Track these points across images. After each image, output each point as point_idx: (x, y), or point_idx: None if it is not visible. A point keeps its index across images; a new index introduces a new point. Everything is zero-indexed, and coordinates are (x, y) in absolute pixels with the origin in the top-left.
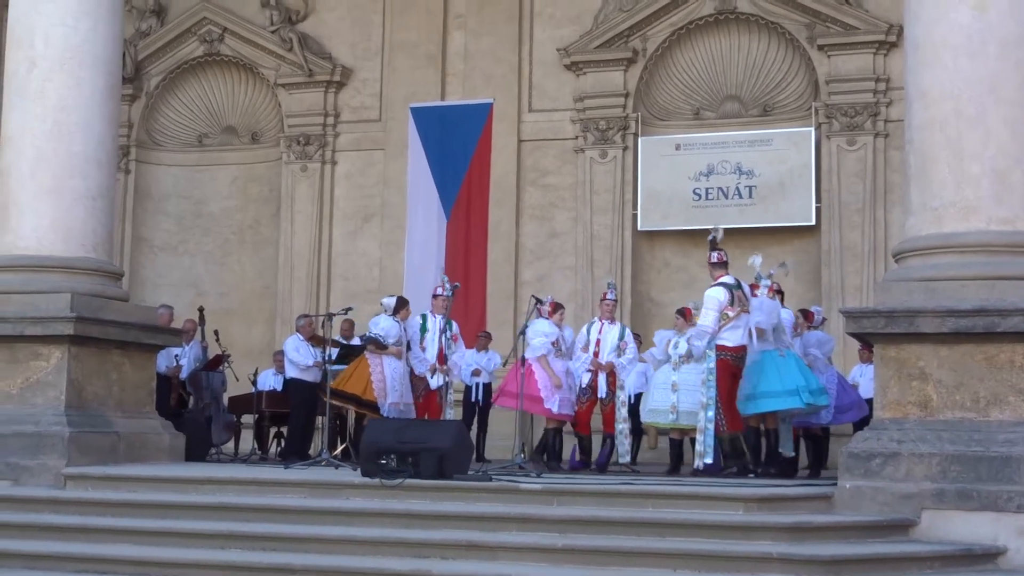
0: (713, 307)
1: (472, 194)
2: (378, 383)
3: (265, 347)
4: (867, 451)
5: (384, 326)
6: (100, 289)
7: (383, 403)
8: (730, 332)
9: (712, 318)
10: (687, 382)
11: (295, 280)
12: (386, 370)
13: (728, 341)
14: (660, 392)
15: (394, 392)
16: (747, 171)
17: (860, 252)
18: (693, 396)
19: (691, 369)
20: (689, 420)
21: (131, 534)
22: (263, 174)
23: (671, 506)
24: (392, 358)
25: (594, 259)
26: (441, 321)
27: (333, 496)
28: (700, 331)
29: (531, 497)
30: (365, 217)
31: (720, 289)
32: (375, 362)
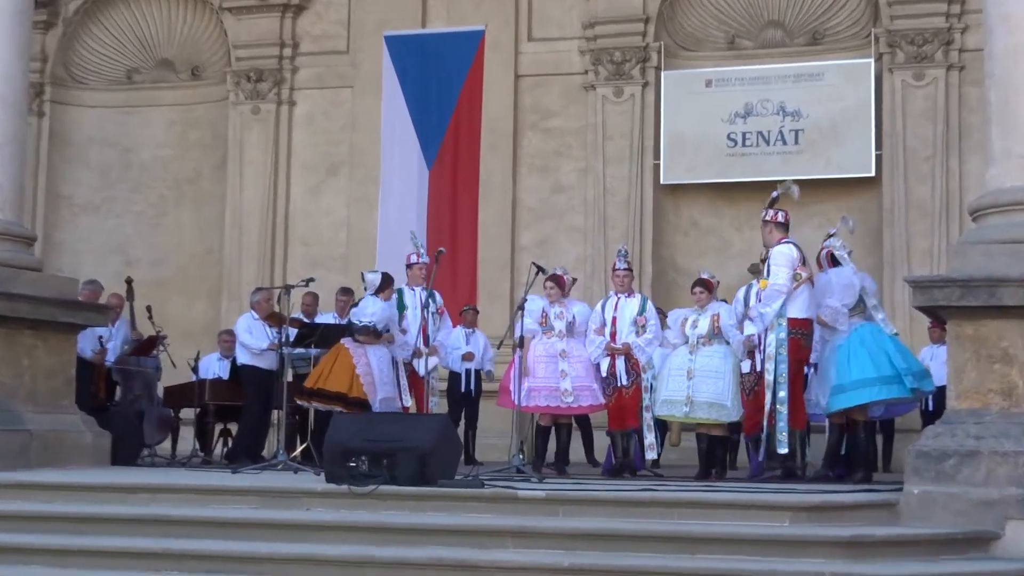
0: (785, 263)
1: (460, 141)
2: (366, 376)
3: (208, 326)
4: (939, 449)
5: (374, 310)
6: (7, 257)
7: (374, 400)
8: (799, 301)
9: (785, 276)
10: (705, 368)
11: (245, 245)
12: (372, 360)
13: (796, 311)
14: (675, 380)
15: (383, 385)
16: (792, 112)
17: (930, 209)
18: (711, 384)
19: (711, 352)
20: (706, 413)
21: (45, 554)
22: (206, 117)
23: (702, 517)
24: (379, 346)
25: (607, 218)
26: (422, 294)
27: (291, 507)
28: (772, 291)
29: (532, 507)
30: (330, 169)
31: (790, 245)
32: (358, 352)
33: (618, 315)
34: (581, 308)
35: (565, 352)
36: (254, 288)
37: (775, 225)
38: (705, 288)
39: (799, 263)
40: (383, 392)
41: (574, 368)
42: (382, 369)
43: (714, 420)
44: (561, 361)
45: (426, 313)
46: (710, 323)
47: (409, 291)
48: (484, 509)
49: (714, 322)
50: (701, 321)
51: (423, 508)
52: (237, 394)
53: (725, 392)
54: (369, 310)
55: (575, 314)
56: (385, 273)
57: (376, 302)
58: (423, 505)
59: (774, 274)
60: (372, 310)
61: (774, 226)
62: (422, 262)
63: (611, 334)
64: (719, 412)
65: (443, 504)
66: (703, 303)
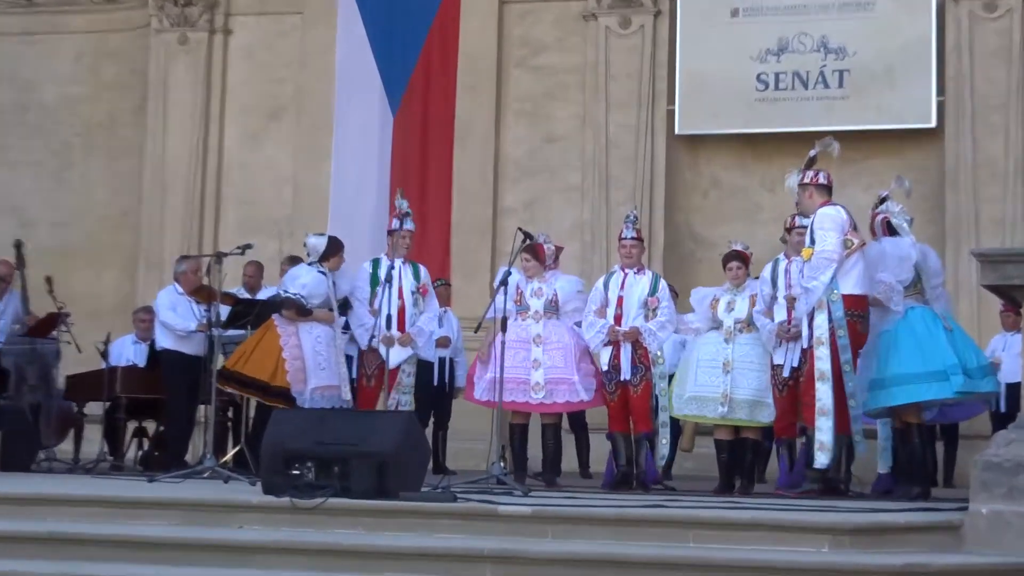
0: (833, 226)
1: (431, 80)
2: (293, 361)
3: (121, 303)
4: (1013, 460)
5: (306, 281)
6: None
7: (302, 390)
8: (852, 274)
9: (834, 240)
10: (745, 359)
11: (168, 205)
12: (305, 342)
13: (849, 287)
14: (705, 373)
15: (319, 373)
16: (836, 49)
17: (1002, 168)
18: (753, 379)
19: (751, 341)
20: (747, 414)
21: None
22: (122, 48)
23: (722, 540)
24: (315, 324)
25: (610, 176)
26: (402, 268)
27: (220, 523)
28: (821, 260)
29: (515, 526)
30: (272, 113)
31: (835, 207)
32: (287, 331)
33: (624, 294)
34: (565, 283)
35: (540, 337)
36: (178, 256)
37: (816, 188)
38: (743, 263)
39: (849, 227)
40: (316, 381)
41: (550, 356)
42: (318, 352)
43: (755, 422)
44: (534, 348)
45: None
46: (749, 305)
47: (387, 263)
48: (457, 528)
49: (752, 303)
50: (739, 303)
51: (382, 526)
52: (155, 385)
53: (767, 388)
54: (301, 280)
55: (557, 290)
56: (332, 237)
57: (310, 271)
58: (382, 523)
59: (820, 239)
60: (304, 280)
61: (815, 189)
62: (406, 229)
63: (615, 317)
64: (761, 412)
65: (407, 522)
66: (740, 281)
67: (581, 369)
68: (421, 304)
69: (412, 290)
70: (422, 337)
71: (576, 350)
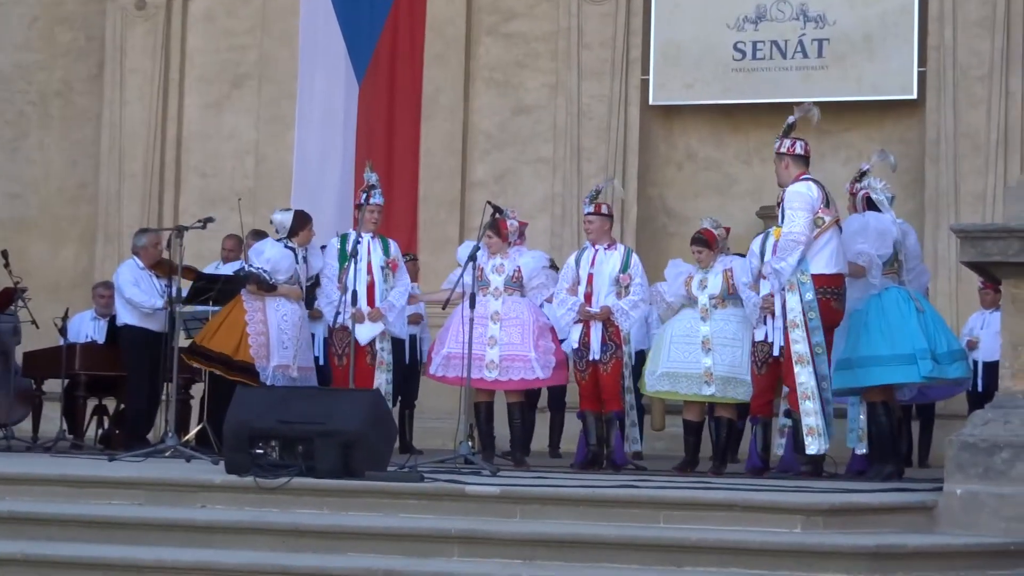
0: (803, 205)
1: (398, 47)
2: (256, 337)
3: (79, 278)
4: (989, 440)
5: (271, 255)
6: None
7: (264, 367)
8: (824, 253)
9: (803, 221)
10: (722, 335)
11: (127, 176)
12: (270, 318)
13: (821, 266)
14: (681, 350)
15: (282, 350)
16: (816, 17)
17: (984, 141)
18: (733, 356)
19: (727, 316)
20: (730, 391)
21: None
22: (78, 13)
23: (694, 520)
24: (282, 300)
25: (582, 148)
26: (371, 242)
27: (182, 503)
28: (788, 242)
29: (483, 506)
30: (234, 81)
31: (807, 183)
32: (253, 307)
33: (595, 271)
34: (530, 259)
35: (499, 314)
36: (137, 230)
37: (792, 159)
38: (705, 246)
39: (821, 205)
40: (279, 359)
41: (507, 334)
42: (283, 330)
43: (729, 399)
44: (491, 325)
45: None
46: (723, 281)
47: (356, 238)
48: (424, 508)
49: (727, 279)
50: (711, 279)
51: (348, 506)
52: (115, 362)
53: (743, 364)
54: (266, 254)
55: (520, 266)
56: (299, 211)
57: (275, 246)
58: (348, 503)
59: (788, 219)
60: (268, 255)
61: (791, 159)
62: (375, 203)
63: (586, 295)
64: (737, 389)
65: (373, 501)
66: (705, 263)
67: (539, 346)
68: (391, 279)
69: (381, 265)
70: (392, 312)
71: (534, 327)
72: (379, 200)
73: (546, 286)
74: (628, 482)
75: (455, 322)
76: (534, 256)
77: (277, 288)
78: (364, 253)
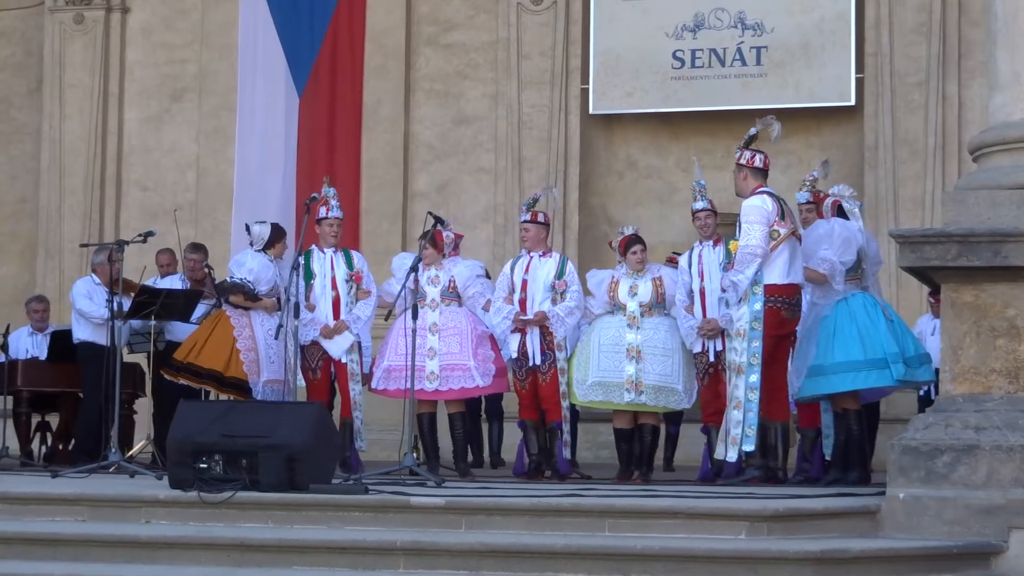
0: (759, 219)
1: (338, 59)
2: (248, 352)
3: (20, 293)
4: (930, 444)
5: (253, 266)
6: None
7: (256, 382)
8: (778, 264)
9: (759, 234)
10: (653, 344)
11: (67, 191)
12: (258, 333)
13: (775, 277)
14: (609, 358)
15: (269, 366)
16: (754, 24)
17: (921, 147)
18: (664, 364)
19: (655, 325)
20: (663, 400)
21: None
22: (15, 28)
23: (639, 528)
24: (265, 316)
25: (523, 157)
26: (334, 256)
27: (126, 518)
28: (745, 255)
29: (428, 517)
30: (174, 94)
31: (762, 196)
32: (240, 322)
33: (529, 278)
34: (463, 268)
35: (436, 325)
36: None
37: (751, 171)
38: (645, 247)
39: (776, 217)
40: (269, 373)
41: (446, 343)
42: (269, 344)
43: (664, 408)
44: (430, 336)
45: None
46: (653, 288)
47: (319, 254)
48: (369, 521)
49: (656, 287)
50: (642, 287)
51: (292, 520)
52: (58, 378)
53: (675, 374)
54: (247, 265)
55: (454, 276)
56: (276, 224)
57: (256, 256)
58: (292, 516)
59: (745, 233)
60: (251, 265)
61: (749, 171)
62: (334, 216)
63: (520, 301)
64: (668, 398)
65: (318, 515)
66: (641, 266)
67: (478, 355)
68: (355, 292)
69: (345, 278)
70: (357, 324)
71: (473, 335)
72: (338, 214)
73: (482, 294)
74: (573, 491)
75: (394, 335)
76: (468, 265)
77: (260, 299)
78: (327, 269)
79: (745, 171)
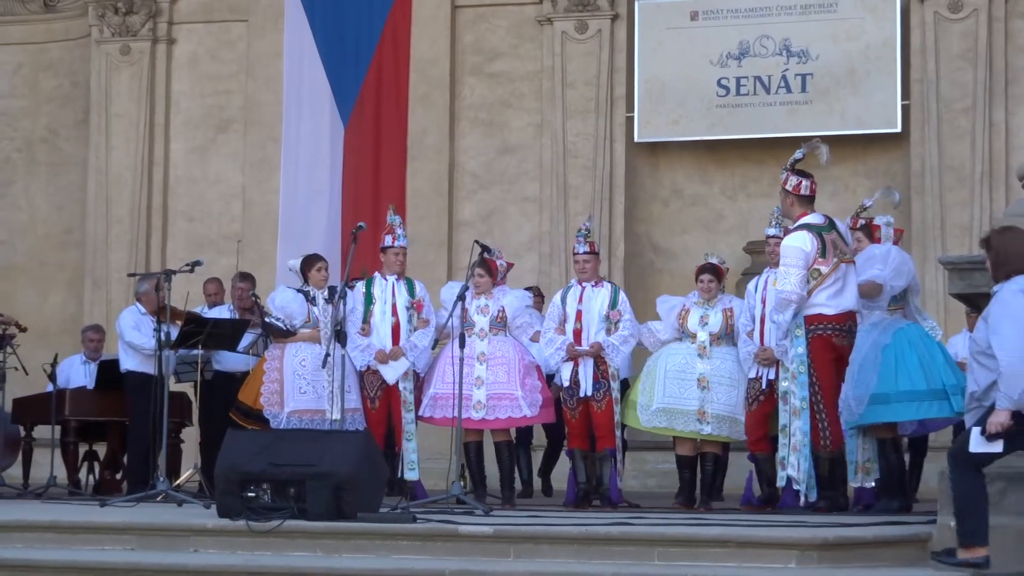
0: (796, 262)
1: (383, 89)
2: (269, 385)
3: (68, 323)
4: None
5: (280, 302)
6: None
7: (276, 413)
8: (828, 294)
9: (796, 279)
10: (721, 374)
11: (113, 221)
12: (286, 364)
13: (827, 307)
14: (675, 385)
15: (298, 396)
16: (799, 52)
17: (968, 173)
18: (729, 395)
19: (724, 355)
20: (727, 430)
21: None
22: (62, 59)
23: (689, 556)
24: (302, 344)
25: (568, 186)
26: (396, 284)
27: (175, 547)
28: (781, 300)
29: (476, 545)
30: (219, 125)
31: (803, 235)
32: (273, 355)
33: (584, 308)
34: (513, 299)
35: (485, 355)
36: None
37: (797, 198)
38: (716, 276)
39: (816, 256)
40: (295, 404)
41: (493, 373)
42: (300, 375)
43: (733, 439)
44: (478, 366)
45: (403, 309)
46: (723, 319)
47: (381, 280)
48: (417, 549)
49: (727, 317)
50: (712, 316)
51: (340, 549)
52: (105, 407)
53: (740, 404)
54: (277, 301)
55: (504, 306)
56: (307, 256)
57: (285, 292)
58: (341, 545)
59: (782, 276)
60: (279, 301)
61: (796, 199)
62: (399, 245)
63: (575, 332)
64: (732, 428)
65: (366, 543)
66: (712, 295)
67: (526, 385)
68: (416, 319)
69: (406, 306)
70: (414, 352)
71: (520, 365)
72: (403, 243)
73: (530, 324)
74: (622, 519)
75: (441, 363)
76: (518, 296)
77: (296, 334)
78: (388, 295)
79: (791, 197)
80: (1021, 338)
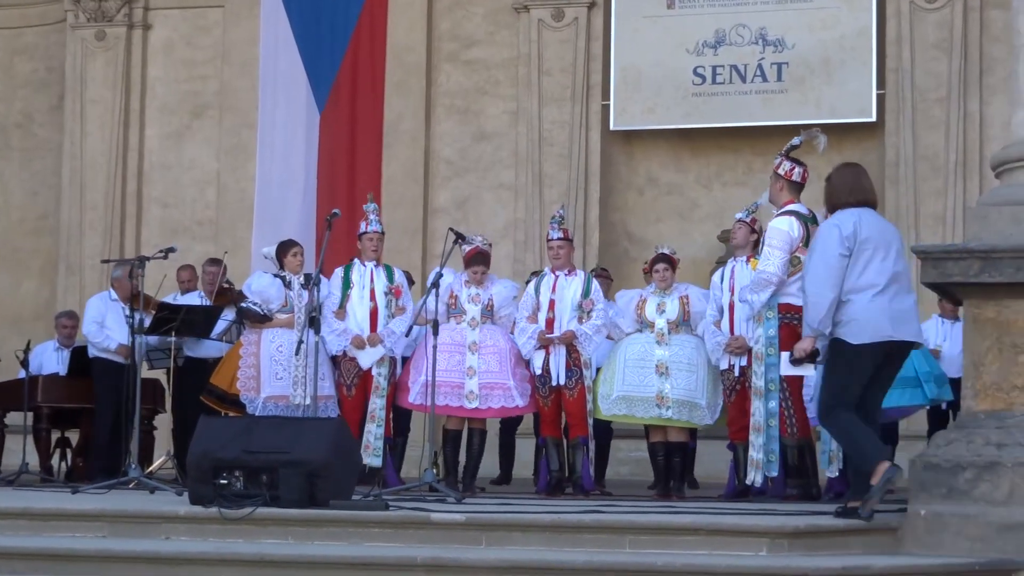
0: (781, 245)
1: (358, 75)
2: (245, 370)
3: (41, 309)
4: (952, 460)
5: (257, 287)
6: None
7: (252, 399)
8: (799, 285)
9: (779, 261)
10: (680, 360)
11: (88, 207)
12: (263, 349)
13: (797, 297)
14: (636, 373)
15: (274, 382)
16: (775, 41)
17: (943, 163)
18: (689, 380)
19: (682, 342)
20: (686, 415)
21: None
22: (37, 44)
23: (659, 544)
24: (279, 330)
25: (544, 174)
26: (374, 270)
27: (146, 534)
28: (760, 280)
29: (449, 533)
30: (195, 111)
31: (790, 220)
32: (249, 340)
33: (556, 297)
34: (502, 288)
35: (476, 344)
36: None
37: (788, 183)
38: (670, 265)
39: (800, 244)
40: (271, 389)
41: (485, 362)
42: (276, 361)
43: (686, 423)
44: (469, 355)
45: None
46: (679, 306)
47: (360, 266)
48: (389, 537)
49: (683, 305)
50: (669, 304)
51: (313, 536)
52: (78, 394)
53: (699, 389)
54: (253, 287)
55: (492, 295)
56: (281, 241)
57: (261, 276)
58: (313, 532)
59: (765, 257)
60: (256, 286)
61: (787, 184)
62: (374, 231)
63: (547, 321)
64: (692, 413)
65: (338, 531)
66: (667, 284)
67: (517, 374)
68: (394, 305)
69: (384, 291)
70: (392, 338)
71: (511, 355)
72: (378, 228)
73: (513, 316)
74: (594, 507)
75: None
76: (505, 286)
77: (272, 319)
78: (367, 281)
79: (782, 182)
80: (825, 269)
